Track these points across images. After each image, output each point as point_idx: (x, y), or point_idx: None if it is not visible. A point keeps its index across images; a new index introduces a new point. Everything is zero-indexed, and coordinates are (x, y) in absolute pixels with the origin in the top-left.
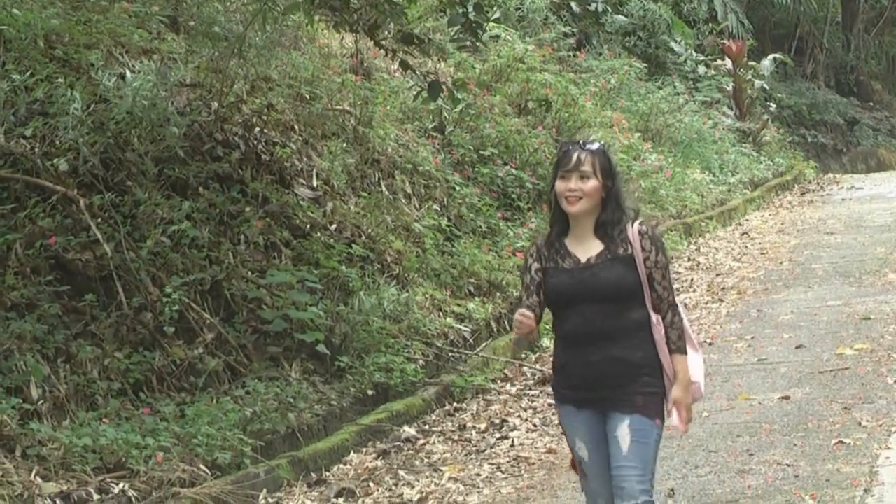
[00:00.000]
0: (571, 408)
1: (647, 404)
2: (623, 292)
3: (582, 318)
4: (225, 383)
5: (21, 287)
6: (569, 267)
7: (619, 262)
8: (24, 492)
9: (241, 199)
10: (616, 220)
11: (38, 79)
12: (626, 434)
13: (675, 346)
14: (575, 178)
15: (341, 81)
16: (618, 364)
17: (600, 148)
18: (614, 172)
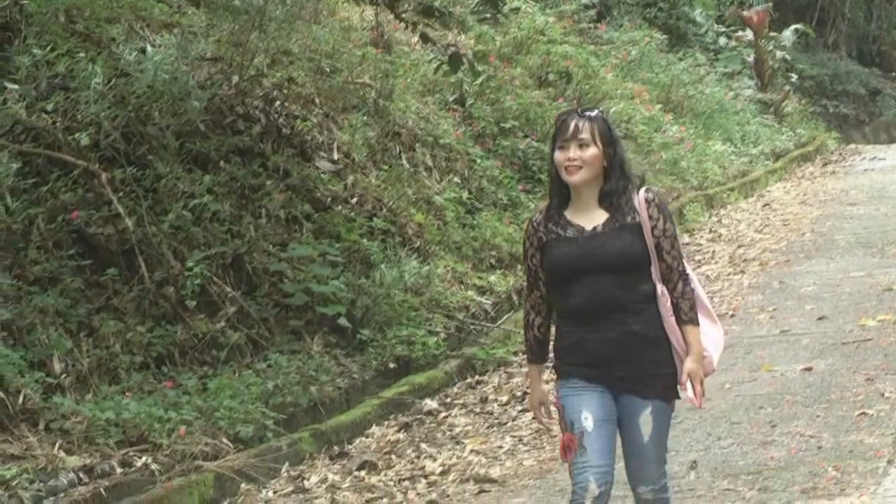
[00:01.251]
0: (580, 381)
1: (665, 387)
2: (631, 261)
3: (592, 289)
4: (247, 357)
5: (43, 261)
6: (573, 236)
7: (626, 231)
8: (48, 465)
9: (262, 172)
10: (622, 188)
11: (59, 53)
12: (649, 422)
13: (687, 316)
14: (574, 146)
15: (362, 54)
16: (636, 339)
17: (599, 115)
18: (615, 139)
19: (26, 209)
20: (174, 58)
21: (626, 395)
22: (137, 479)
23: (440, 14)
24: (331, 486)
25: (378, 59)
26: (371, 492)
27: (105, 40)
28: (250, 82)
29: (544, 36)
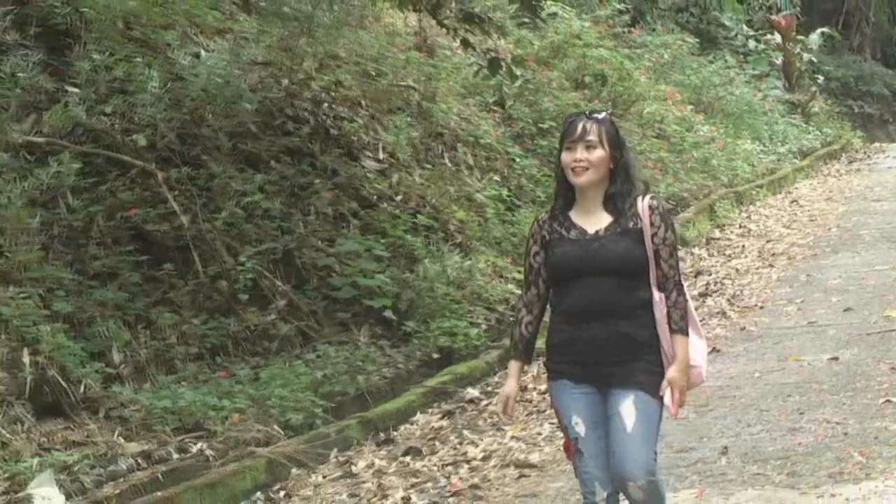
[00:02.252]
0: (568, 382)
1: (650, 382)
2: (630, 266)
3: (588, 290)
4: (297, 348)
5: (103, 257)
6: (575, 238)
7: (627, 236)
8: (108, 451)
9: (310, 171)
10: (626, 192)
11: (117, 58)
12: (631, 411)
13: (677, 326)
14: (581, 148)
15: (406, 58)
16: (624, 340)
17: (606, 117)
18: (622, 143)
19: (87, 207)
20: (227, 62)
21: (612, 390)
22: (193, 465)
23: (480, 20)
24: (377, 471)
25: (421, 63)
26: (416, 476)
27: (161, 46)
28: (299, 85)
29: (580, 40)
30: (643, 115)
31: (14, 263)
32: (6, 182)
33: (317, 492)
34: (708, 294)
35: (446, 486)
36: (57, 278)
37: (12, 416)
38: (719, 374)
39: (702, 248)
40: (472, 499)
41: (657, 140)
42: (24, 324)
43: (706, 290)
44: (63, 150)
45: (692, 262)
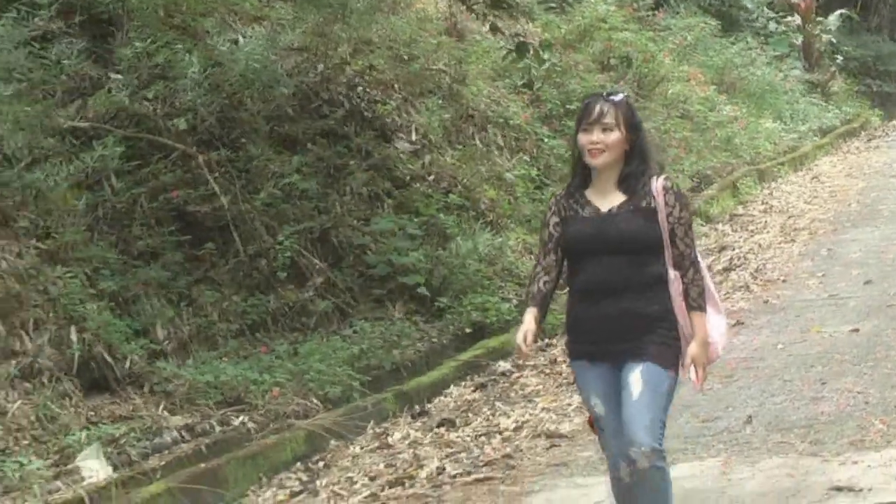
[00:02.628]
0: (585, 363)
1: (660, 353)
2: (642, 244)
3: (600, 268)
4: (334, 323)
5: (146, 237)
6: (588, 216)
7: (640, 214)
8: (153, 424)
9: (346, 153)
10: (640, 172)
11: (158, 45)
12: (638, 380)
13: (695, 303)
14: (597, 130)
15: (437, 43)
16: (632, 316)
17: (623, 99)
18: (638, 124)
19: (130, 189)
20: (264, 48)
21: (625, 364)
22: (235, 437)
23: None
24: (413, 442)
25: (452, 47)
26: (450, 447)
27: (200, 32)
28: (334, 70)
29: (606, 23)
30: (667, 96)
31: (61, 244)
32: (53, 166)
33: (355, 462)
34: (731, 268)
35: (479, 456)
36: (102, 258)
37: (61, 392)
38: (743, 345)
39: (725, 224)
40: (505, 468)
41: (681, 120)
42: (72, 302)
43: (730, 264)
44: (107, 135)
45: (716, 237)
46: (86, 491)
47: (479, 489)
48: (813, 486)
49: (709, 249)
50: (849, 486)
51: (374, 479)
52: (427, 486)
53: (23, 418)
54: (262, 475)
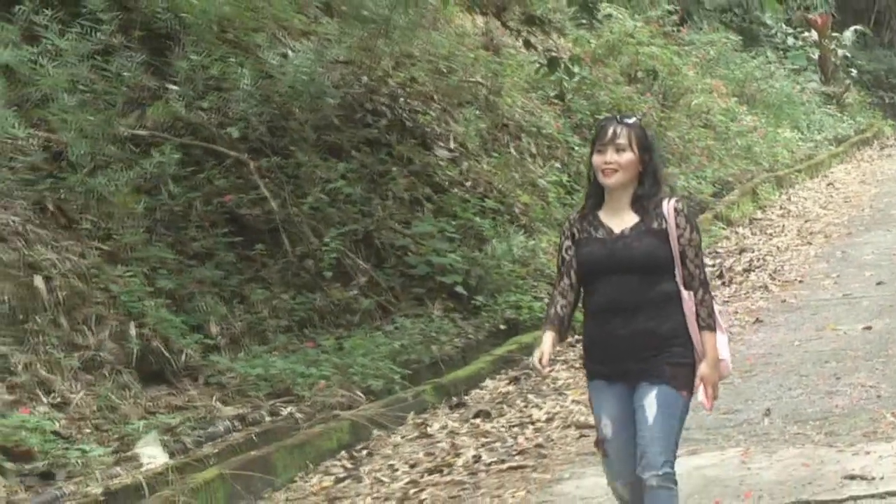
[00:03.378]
0: (602, 383)
1: (675, 375)
2: (653, 265)
3: (612, 288)
4: (376, 320)
5: (201, 239)
6: (601, 237)
7: (651, 235)
8: (207, 414)
9: (388, 160)
10: (653, 193)
11: (212, 58)
12: (653, 404)
13: (705, 322)
14: (611, 150)
15: (474, 57)
16: (645, 336)
17: (637, 122)
18: (651, 146)
19: (186, 194)
20: (311, 61)
21: (639, 383)
22: (283, 426)
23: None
24: (450, 432)
25: (488, 61)
26: (485, 437)
27: (252, 47)
28: (378, 82)
29: (633, 38)
30: (691, 107)
31: (122, 245)
32: (114, 171)
33: (396, 451)
34: (751, 269)
35: (513, 445)
36: (160, 258)
37: (121, 383)
38: (762, 342)
39: (745, 228)
40: (537, 457)
41: (704, 129)
42: (131, 299)
43: (749, 265)
44: (164, 142)
45: (736, 240)
46: (144, 477)
47: (513, 476)
48: (828, 475)
49: (729, 251)
50: (862, 474)
51: (414, 466)
52: (464, 473)
53: (85, 408)
54: (309, 462)
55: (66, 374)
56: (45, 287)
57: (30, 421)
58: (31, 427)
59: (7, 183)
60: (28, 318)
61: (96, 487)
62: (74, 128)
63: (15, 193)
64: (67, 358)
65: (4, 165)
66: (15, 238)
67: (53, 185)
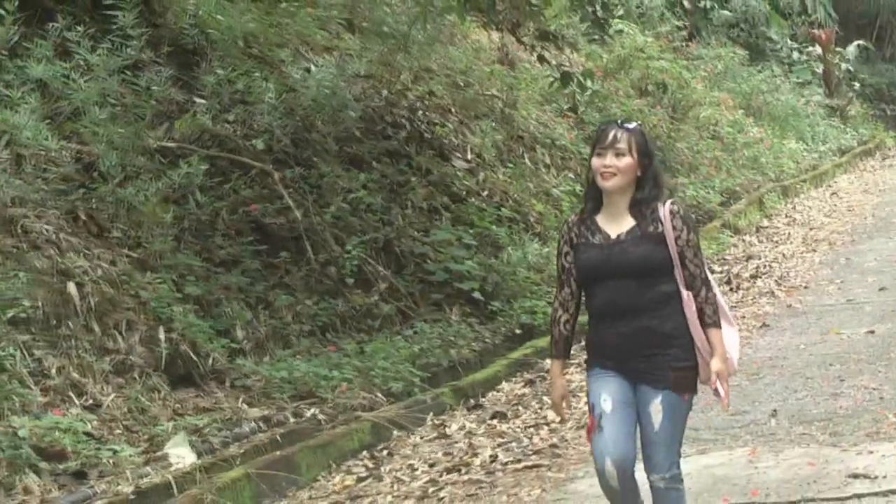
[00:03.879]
0: (604, 371)
1: (677, 380)
2: (649, 269)
3: (611, 292)
4: (396, 325)
5: (227, 246)
6: (598, 242)
7: (648, 239)
8: (233, 416)
9: (407, 170)
10: (652, 198)
11: (238, 73)
12: (659, 411)
13: (711, 320)
14: (610, 154)
15: (490, 71)
16: (647, 334)
17: (637, 128)
18: (651, 152)
19: (213, 203)
20: (333, 76)
21: (642, 385)
22: (307, 427)
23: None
24: (468, 433)
25: (503, 75)
26: (502, 437)
27: (276, 62)
28: (397, 95)
29: (644, 53)
30: (700, 119)
31: (151, 253)
32: (143, 182)
33: (415, 451)
34: (758, 276)
35: (528, 445)
36: (188, 265)
37: (150, 386)
38: (769, 346)
39: (752, 236)
40: (552, 456)
41: (712, 140)
42: (160, 305)
43: (756, 272)
44: (192, 154)
45: (744, 247)
46: (173, 476)
47: (528, 475)
48: (832, 474)
49: (737, 258)
50: (865, 473)
51: (432, 465)
52: (481, 473)
53: (116, 410)
54: (332, 462)
55: (97, 378)
56: (77, 293)
57: (63, 422)
58: (65, 428)
59: (41, 193)
60: (61, 324)
61: (127, 486)
62: (105, 140)
63: (48, 203)
64: (99, 362)
65: (38, 176)
66: (48, 246)
67: (85, 195)
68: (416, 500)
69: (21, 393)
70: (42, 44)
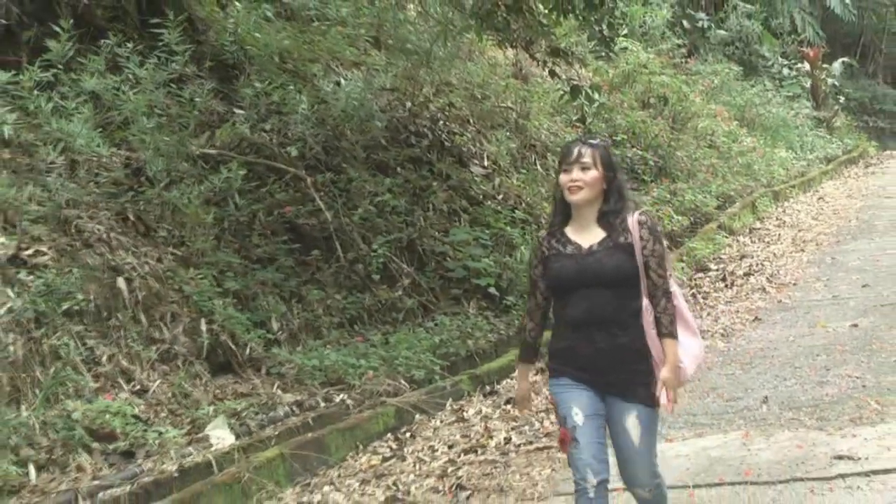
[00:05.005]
0: (569, 380)
1: (648, 395)
2: (622, 278)
3: (585, 301)
4: (418, 318)
5: (263, 245)
6: (571, 253)
7: (619, 250)
8: (269, 400)
9: (429, 176)
10: (618, 209)
11: (274, 86)
12: (636, 426)
13: (667, 330)
14: (576, 169)
15: (505, 85)
16: (624, 351)
17: (600, 143)
18: (615, 165)
19: (250, 206)
20: (361, 89)
21: (613, 398)
22: (336, 411)
23: (564, 54)
24: (484, 417)
25: (517, 89)
26: (515, 421)
27: (308, 76)
28: (420, 107)
29: (646, 69)
30: (698, 129)
31: (193, 251)
32: (187, 186)
33: (436, 433)
34: (751, 273)
35: (540, 429)
36: (227, 262)
37: (193, 373)
38: (760, 338)
39: (745, 237)
40: None
41: (709, 149)
42: (202, 299)
43: (749, 270)
44: (231, 160)
45: (738, 247)
46: (213, 455)
47: (540, 456)
48: (819, 456)
49: (731, 257)
50: (849, 455)
51: (451, 447)
52: (496, 453)
53: (161, 395)
54: (359, 443)
55: (144, 365)
56: (126, 288)
57: (113, 406)
58: (114, 411)
59: (93, 195)
60: (111, 316)
61: (171, 465)
62: (152, 147)
63: (100, 205)
64: (146, 350)
65: (91, 180)
66: (100, 244)
67: (134, 198)
68: (436, 478)
69: (74, 379)
70: (94, 59)
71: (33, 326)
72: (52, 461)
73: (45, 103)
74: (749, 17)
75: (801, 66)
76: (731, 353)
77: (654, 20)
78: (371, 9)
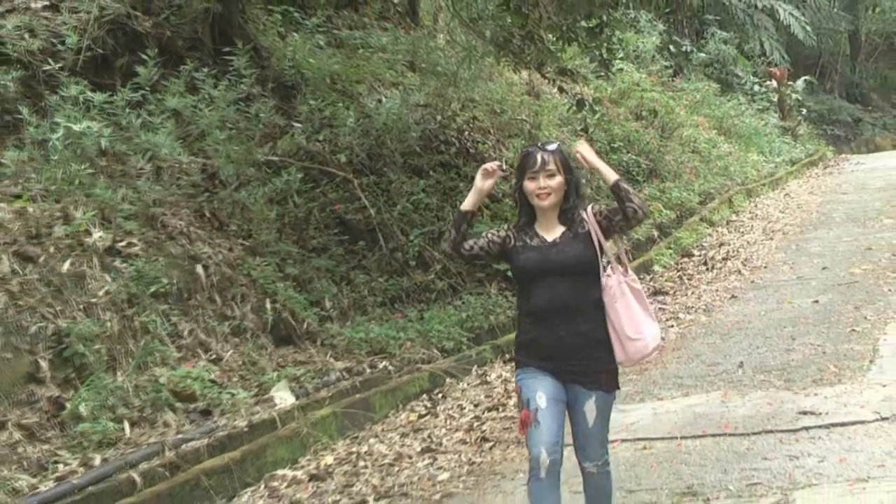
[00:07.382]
0: (535, 370)
1: (608, 381)
2: (583, 267)
3: (548, 290)
4: (448, 297)
5: (318, 237)
6: (536, 245)
7: (579, 240)
8: (323, 367)
9: (456, 178)
10: (577, 206)
11: (326, 103)
12: (593, 409)
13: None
14: (543, 176)
15: (520, 100)
16: (584, 338)
17: (558, 147)
18: (571, 167)
19: (306, 203)
20: (399, 105)
21: (574, 385)
22: (380, 376)
23: (571, 73)
24: (504, 380)
25: (531, 103)
26: None
27: (355, 94)
28: (448, 119)
29: (639, 86)
30: (683, 137)
31: (259, 242)
32: (253, 187)
33: (464, 394)
34: (728, 258)
35: None
36: (287, 251)
37: (259, 345)
38: (736, 313)
39: (723, 228)
40: None
41: (692, 154)
42: (267, 282)
43: (727, 255)
44: (290, 166)
45: (717, 236)
46: (277, 413)
47: None
48: (786, 412)
49: (711, 245)
50: (812, 411)
51: (476, 405)
52: (514, 411)
53: (233, 363)
54: (399, 403)
55: (218, 338)
56: (203, 273)
57: (193, 372)
58: (194, 377)
59: (175, 196)
60: (191, 297)
61: (242, 421)
62: (224, 155)
63: (181, 204)
64: (220, 326)
65: (173, 183)
66: (181, 237)
67: (209, 198)
68: (464, 431)
69: (161, 350)
70: (176, 82)
71: (126, 306)
72: (143, 419)
73: (135, 119)
74: (725, 43)
75: (770, 84)
76: (712, 325)
77: (646, 45)
78: (407, 38)
